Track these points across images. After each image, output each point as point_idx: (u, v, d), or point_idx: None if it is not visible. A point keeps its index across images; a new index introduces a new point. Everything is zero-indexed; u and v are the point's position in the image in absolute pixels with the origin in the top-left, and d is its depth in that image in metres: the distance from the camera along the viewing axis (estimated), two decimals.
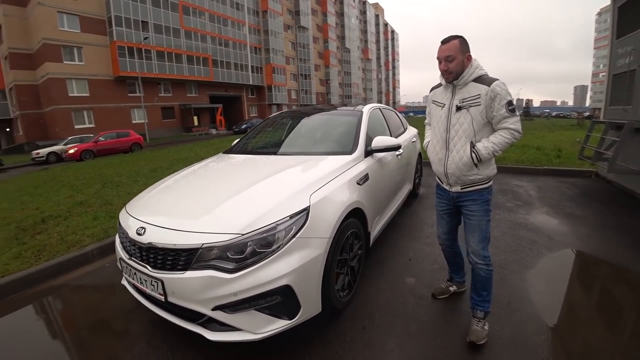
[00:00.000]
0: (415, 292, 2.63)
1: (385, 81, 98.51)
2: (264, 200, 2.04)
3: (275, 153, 3.16)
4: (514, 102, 1.93)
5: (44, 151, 18.30)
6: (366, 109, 3.54)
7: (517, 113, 1.94)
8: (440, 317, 2.32)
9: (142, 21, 30.03)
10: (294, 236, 1.87)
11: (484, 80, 1.92)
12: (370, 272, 2.94)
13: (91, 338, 2.37)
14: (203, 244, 1.79)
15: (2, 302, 2.90)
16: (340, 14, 66.83)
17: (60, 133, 24.27)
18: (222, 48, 38.08)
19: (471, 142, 1.96)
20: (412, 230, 3.88)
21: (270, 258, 1.79)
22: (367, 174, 2.73)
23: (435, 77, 2.19)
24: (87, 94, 27.62)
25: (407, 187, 4.37)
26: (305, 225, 1.93)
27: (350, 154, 2.81)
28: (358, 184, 2.55)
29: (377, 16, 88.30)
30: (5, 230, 4.43)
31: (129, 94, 30.31)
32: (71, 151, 17.23)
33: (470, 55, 1.95)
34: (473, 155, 1.95)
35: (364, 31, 79.89)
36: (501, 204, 4.68)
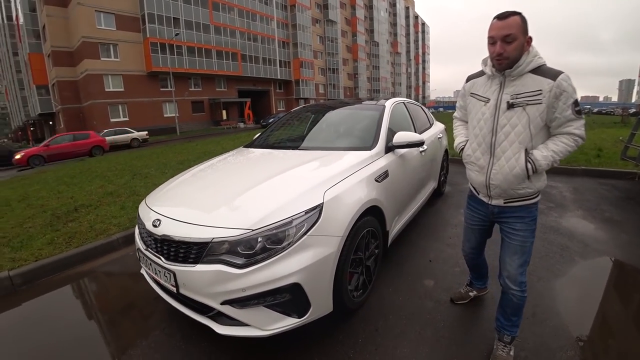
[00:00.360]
0: (433, 295, 2.52)
1: (415, 75, 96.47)
2: (277, 196, 2.01)
3: (294, 148, 3.14)
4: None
5: None
6: (389, 103, 3.43)
7: (583, 115, 1.60)
8: (458, 324, 2.21)
9: (174, 18, 30.89)
10: (305, 233, 1.83)
11: (545, 72, 1.55)
12: (387, 272, 2.85)
13: (110, 323, 2.46)
14: (213, 238, 1.79)
15: (34, 284, 3.09)
16: (369, 7, 65.88)
17: (97, 126, 25.50)
18: (250, 43, 38.59)
19: (525, 150, 1.61)
20: (435, 231, 3.74)
21: (280, 255, 1.76)
22: (386, 171, 2.64)
23: (468, 71, 2.04)
24: (122, 89, 28.87)
25: (431, 185, 4.22)
26: (318, 223, 1.88)
27: (370, 150, 2.73)
28: (376, 181, 2.47)
29: (407, 8, 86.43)
30: (42, 217, 4.68)
31: (161, 89, 31.34)
32: (17, 157, 15.28)
33: (531, 38, 1.56)
34: (529, 165, 1.61)
35: (394, 24, 78.40)
36: None
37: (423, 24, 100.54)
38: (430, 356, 1.95)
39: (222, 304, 1.77)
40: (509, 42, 1.52)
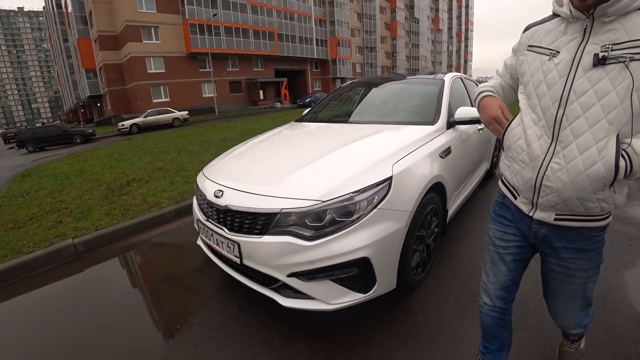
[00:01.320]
0: None
1: (457, 54, 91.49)
2: (344, 168, 1.93)
3: (351, 121, 3.04)
4: None
5: (127, 123, 20.11)
6: (448, 77, 3.26)
7: None
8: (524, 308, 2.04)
9: None
10: (375, 207, 1.75)
11: None
12: (442, 252, 2.72)
13: (167, 292, 2.50)
14: (282, 209, 1.73)
15: (95, 252, 3.23)
16: None
17: (141, 107, 26.68)
18: (287, 22, 38.15)
19: (617, 136, 0.97)
20: (486, 212, 3.47)
21: (350, 228, 1.69)
22: (449, 147, 2.51)
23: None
24: (163, 70, 29.78)
25: (485, 166, 4.01)
26: (388, 196, 1.79)
27: (433, 125, 2.59)
28: (440, 157, 2.34)
29: None
30: (98, 190, 4.90)
31: (200, 69, 32.00)
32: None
33: None
34: (622, 162, 0.98)
35: None
36: None
37: None
38: None
39: (288, 276, 1.72)
40: None
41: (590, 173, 1.00)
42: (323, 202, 1.70)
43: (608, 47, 0.97)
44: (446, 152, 2.45)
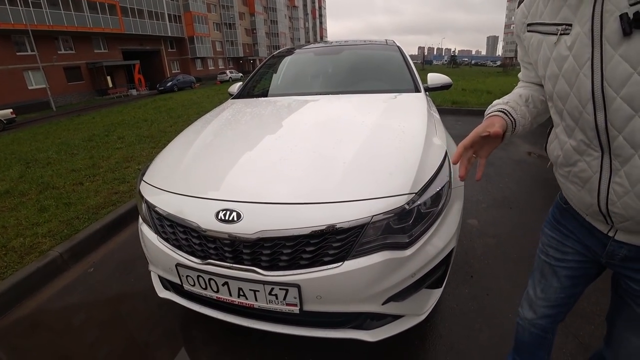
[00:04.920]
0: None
1: (313, 30, 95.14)
2: (400, 148, 1.56)
3: (331, 92, 2.60)
4: None
5: None
6: (396, 42, 3.26)
7: None
8: None
9: None
10: (449, 187, 1.49)
11: None
12: None
13: None
14: (373, 215, 1.24)
15: None
16: None
17: None
18: None
19: None
20: None
21: (438, 219, 1.40)
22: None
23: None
24: None
25: None
26: (452, 173, 1.54)
27: (420, 92, 2.45)
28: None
29: None
30: None
31: (18, 53, 24.83)
32: None
33: None
34: None
35: None
36: None
37: None
38: None
39: (384, 303, 1.29)
40: None
41: None
42: (415, 193, 1.32)
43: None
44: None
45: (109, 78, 31.02)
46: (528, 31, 0.85)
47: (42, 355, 1.88)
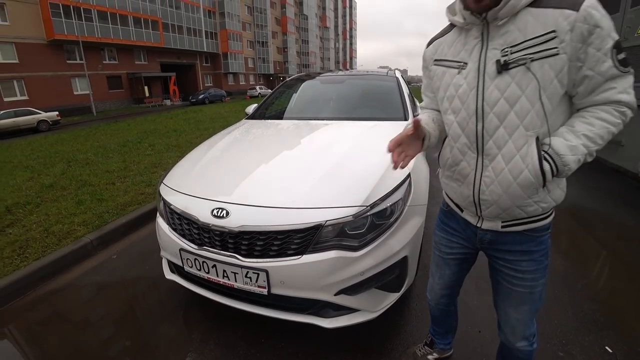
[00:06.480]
0: None
1: (343, 50, 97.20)
2: (365, 169, 1.89)
3: (326, 118, 3.00)
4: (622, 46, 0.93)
5: None
6: (398, 74, 3.57)
7: (630, 68, 0.93)
8: None
9: None
10: (405, 204, 1.78)
11: (558, 0, 0.91)
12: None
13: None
14: (326, 220, 1.57)
15: None
16: None
17: None
18: (172, 10, 34.92)
19: (537, 139, 0.98)
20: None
21: (390, 230, 1.69)
22: None
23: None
24: (16, 61, 24.05)
25: None
26: (412, 193, 1.84)
27: (406, 120, 2.75)
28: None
29: None
30: None
31: (68, 61, 27.02)
32: None
33: None
34: (547, 165, 0.96)
35: None
36: None
37: None
38: None
39: (336, 294, 1.61)
40: None
41: (520, 182, 1.01)
42: (367, 206, 1.63)
43: (508, 51, 0.96)
44: None
45: (146, 88, 33.07)
46: (434, 65, 1.19)
47: (71, 316, 2.37)
